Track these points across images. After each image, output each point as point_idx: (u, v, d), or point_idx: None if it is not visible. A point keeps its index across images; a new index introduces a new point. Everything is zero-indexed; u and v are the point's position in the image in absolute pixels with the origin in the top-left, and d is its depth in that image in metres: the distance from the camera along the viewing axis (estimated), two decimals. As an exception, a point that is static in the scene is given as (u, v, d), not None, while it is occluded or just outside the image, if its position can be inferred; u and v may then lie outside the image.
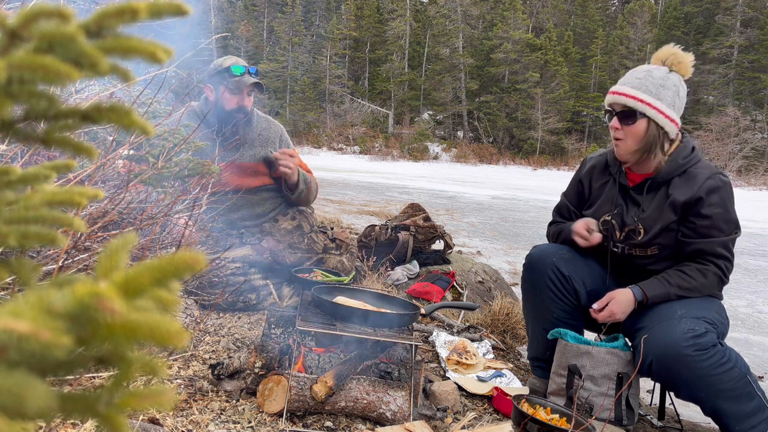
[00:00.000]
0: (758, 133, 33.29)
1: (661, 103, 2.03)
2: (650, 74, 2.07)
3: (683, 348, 1.86)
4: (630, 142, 2.08)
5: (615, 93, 2.10)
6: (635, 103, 2.04)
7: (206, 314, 2.38)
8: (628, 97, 2.05)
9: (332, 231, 3.32)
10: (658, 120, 2.04)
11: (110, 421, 0.34)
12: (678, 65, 2.08)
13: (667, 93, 2.04)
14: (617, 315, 2.11)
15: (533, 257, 2.34)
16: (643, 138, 2.06)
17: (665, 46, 2.15)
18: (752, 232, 10.89)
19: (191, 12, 0.41)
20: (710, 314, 1.99)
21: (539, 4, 46.06)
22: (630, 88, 2.06)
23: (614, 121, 2.09)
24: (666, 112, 2.04)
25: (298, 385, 1.72)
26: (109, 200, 1.64)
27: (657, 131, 2.05)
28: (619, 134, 2.10)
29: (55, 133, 0.43)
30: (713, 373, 1.86)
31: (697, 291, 2.06)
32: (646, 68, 2.10)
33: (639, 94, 2.04)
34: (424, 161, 33.86)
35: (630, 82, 2.08)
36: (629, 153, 2.11)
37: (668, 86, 2.05)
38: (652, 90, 2.04)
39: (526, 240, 7.67)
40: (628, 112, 2.06)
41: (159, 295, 0.33)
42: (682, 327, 1.90)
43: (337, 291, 2.17)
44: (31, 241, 0.42)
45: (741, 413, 1.91)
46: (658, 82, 2.05)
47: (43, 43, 0.36)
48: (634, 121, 2.05)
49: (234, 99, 2.93)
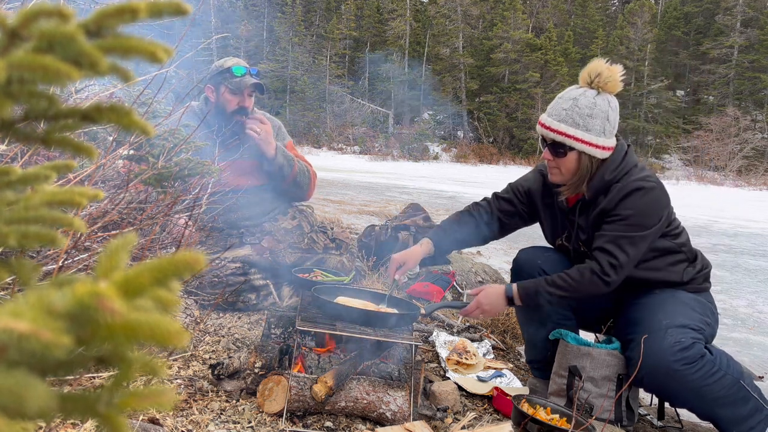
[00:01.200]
0: (758, 133, 33.29)
1: (589, 134, 1.99)
2: (576, 104, 2.00)
3: (671, 363, 1.84)
4: (564, 171, 2.07)
5: (543, 126, 2.06)
6: (563, 138, 2.00)
7: (206, 314, 2.38)
8: (556, 133, 2.01)
9: (332, 231, 3.32)
10: (587, 151, 2.01)
11: (110, 421, 0.34)
12: (605, 85, 2.02)
13: (596, 122, 1.99)
14: (485, 306, 2.13)
15: (520, 261, 2.34)
16: (576, 169, 2.05)
17: (592, 62, 2.07)
18: (752, 232, 10.89)
19: (191, 11, 0.41)
20: (694, 319, 1.97)
21: (539, 4, 46.05)
22: (556, 121, 2.02)
23: (546, 152, 2.08)
24: (595, 142, 2.00)
25: (298, 385, 1.72)
26: (109, 200, 1.64)
27: (589, 161, 2.03)
28: (552, 164, 2.09)
29: (55, 133, 0.43)
30: (704, 384, 1.85)
31: (572, 290, 2.03)
32: (573, 96, 2.03)
33: (566, 129, 2.00)
34: (424, 161, 33.86)
35: (557, 113, 2.03)
36: (564, 181, 2.11)
37: (596, 114, 1.99)
38: (579, 122, 1.99)
39: (526, 240, 7.64)
40: (558, 145, 2.03)
41: (159, 295, 0.33)
42: (669, 340, 1.87)
43: (338, 291, 2.17)
44: (31, 241, 0.42)
45: (737, 417, 1.90)
46: (585, 111, 1.99)
47: (43, 43, 0.36)
48: (564, 154, 2.03)
49: (235, 100, 2.93)
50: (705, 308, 2.07)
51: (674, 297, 2.07)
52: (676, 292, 2.10)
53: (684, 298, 2.07)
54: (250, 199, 3.03)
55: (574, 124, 1.99)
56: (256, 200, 3.07)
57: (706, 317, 2.04)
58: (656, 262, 2.12)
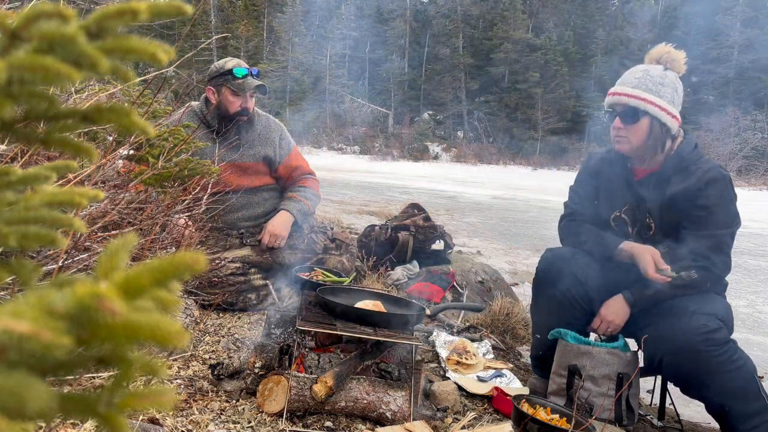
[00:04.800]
0: (758, 133, 33.28)
1: (661, 100, 2.06)
2: (648, 73, 2.09)
3: (697, 343, 1.86)
4: (634, 140, 2.10)
5: (615, 94, 2.12)
6: (637, 102, 2.06)
7: (206, 314, 2.38)
8: (630, 97, 2.07)
9: (332, 231, 3.32)
10: (660, 117, 2.06)
11: (110, 421, 0.34)
12: (672, 63, 2.12)
13: (667, 90, 2.07)
14: (616, 322, 2.14)
15: (550, 262, 2.26)
16: (647, 136, 2.08)
17: (658, 46, 2.18)
18: (752, 232, 10.89)
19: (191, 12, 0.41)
20: (721, 311, 1.99)
21: (539, 4, 46.05)
22: (630, 87, 2.08)
23: (617, 121, 2.11)
24: (667, 108, 2.06)
25: (298, 385, 1.72)
26: (109, 200, 1.64)
27: (660, 128, 2.07)
28: (621, 133, 2.11)
29: (55, 134, 0.43)
30: (724, 370, 1.86)
31: (689, 289, 2.05)
32: (643, 68, 2.12)
33: (640, 93, 2.06)
34: (424, 161, 33.85)
35: (629, 81, 2.10)
36: (633, 150, 2.13)
37: (667, 83, 2.07)
38: (651, 88, 2.06)
39: (526, 240, 7.67)
40: (630, 111, 2.08)
41: (159, 296, 0.33)
42: (695, 322, 1.89)
43: (341, 292, 2.18)
44: (31, 241, 0.42)
45: (746, 412, 1.91)
46: (657, 80, 2.07)
47: (44, 44, 0.36)
48: (636, 119, 2.07)
49: (237, 101, 2.92)
50: (728, 308, 2.10)
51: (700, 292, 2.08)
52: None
53: (710, 295, 2.09)
54: (250, 199, 3.03)
55: (647, 90, 2.06)
56: (257, 200, 3.07)
57: (729, 315, 2.06)
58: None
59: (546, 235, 7.22)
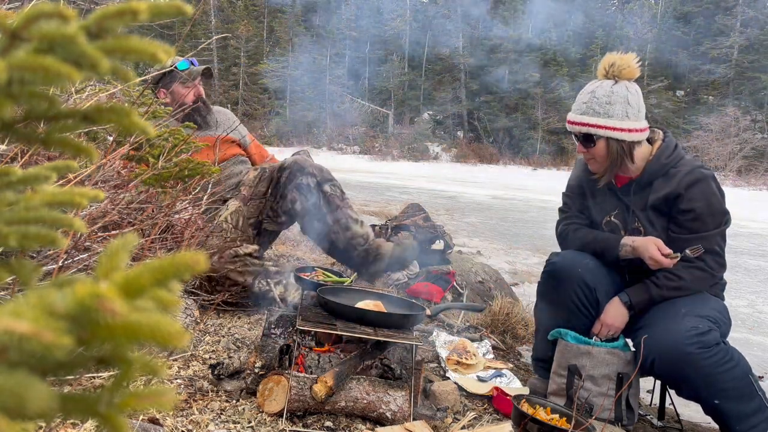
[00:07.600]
0: (758, 133, 33.28)
1: (611, 120, 2.09)
2: (594, 95, 2.13)
3: (686, 346, 1.86)
4: (598, 161, 2.18)
5: (568, 122, 2.22)
6: (588, 129, 2.12)
7: (206, 314, 2.38)
8: (579, 125, 2.15)
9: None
10: (614, 136, 2.10)
11: (110, 421, 0.34)
12: (621, 73, 2.13)
13: (616, 108, 2.09)
14: (615, 325, 2.15)
15: (558, 266, 2.26)
16: (607, 156, 2.14)
17: (606, 57, 2.20)
18: (752, 232, 10.88)
19: (191, 12, 0.41)
20: (713, 313, 2.00)
21: (539, 3, 46.02)
22: (578, 115, 2.15)
23: (579, 146, 2.21)
24: (619, 126, 2.09)
25: (298, 385, 1.72)
26: (109, 200, 1.64)
27: (618, 146, 2.11)
28: (586, 156, 2.21)
29: (55, 134, 0.43)
30: (716, 372, 1.86)
31: (685, 290, 2.07)
32: (590, 89, 2.15)
33: (588, 119, 2.12)
34: (424, 161, 33.83)
35: (578, 108, 2.17)
36: (602, 169, 2.20)
37: (614, 101, 2.09)
38: (599, 111, 2.10)
39: (526, 240, 7.67)
40: (585, 137, 2.15)
41: (159, 296, 0.33)
42: (686, 324, 1.90)
43: (342, 292, 2.18)
44: (32, 241, 0.42)
45: (742, 413, 1.91)
46: (603, 100, 2.10)
47: (44, 44, 0.36)
48: (593, 144, 2.14)
49: (191, 92, 3.12)
50: (723, 309, 2.10)
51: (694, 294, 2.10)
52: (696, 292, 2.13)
53: (703, 296, 2.10)
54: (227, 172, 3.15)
55: (595, 114, 2.10)
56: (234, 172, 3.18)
57: (723, 316, 2.07)
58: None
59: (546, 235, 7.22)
